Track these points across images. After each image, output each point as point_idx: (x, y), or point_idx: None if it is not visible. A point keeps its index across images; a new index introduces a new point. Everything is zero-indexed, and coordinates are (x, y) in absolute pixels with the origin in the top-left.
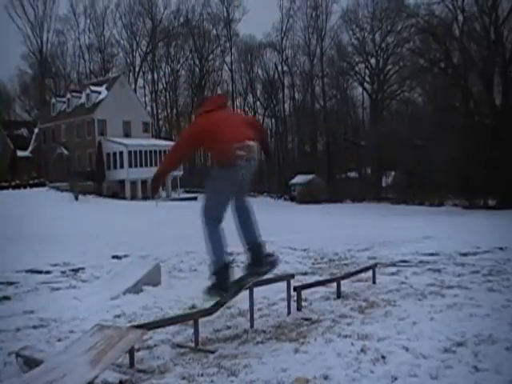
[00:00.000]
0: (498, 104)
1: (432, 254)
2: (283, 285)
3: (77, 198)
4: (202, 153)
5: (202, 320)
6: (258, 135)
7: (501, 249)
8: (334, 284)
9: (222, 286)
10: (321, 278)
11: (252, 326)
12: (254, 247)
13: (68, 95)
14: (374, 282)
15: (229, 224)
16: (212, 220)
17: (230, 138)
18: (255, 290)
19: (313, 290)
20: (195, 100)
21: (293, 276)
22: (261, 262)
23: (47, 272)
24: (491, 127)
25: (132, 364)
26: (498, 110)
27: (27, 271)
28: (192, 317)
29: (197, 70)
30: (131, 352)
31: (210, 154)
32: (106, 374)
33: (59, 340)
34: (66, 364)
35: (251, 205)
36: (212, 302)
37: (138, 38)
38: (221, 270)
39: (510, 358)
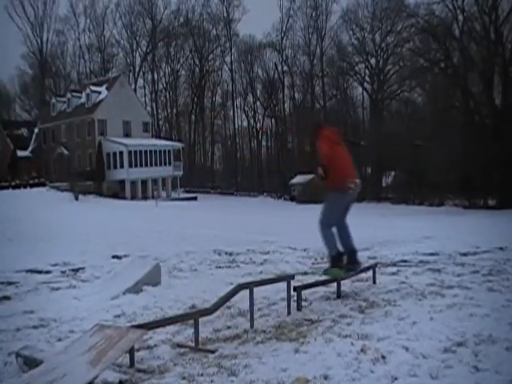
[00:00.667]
0: (498, 104)
1: (432, 254)
2: (283, 285)
3: (77, 198)
4: (202, 152)
5: (202, 320)
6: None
7: (501, 249)
8: (334, 284)
9: (338, 266)
10: (321, 278)
11: (252, 325)
12: (350, 253)
13: (68, 95)
14: (374, 282)
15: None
16: (327, 225)
17: (348, 173)
18: (255, 289)
19: (313, 289)
20: (195, 100)
21: (293, 277)
22: (354, 262)
23: (47, 272)
24: (491, 127)
25: (132, 364)
26: (498, 109)
27: (27, 271)
28: (192, 316)
29: (197, 69)
30: (131, 352)
31: (329, 176)
32: (105, 374)
33: (59, 340)
34: (65, 364)
35: (348, 223)
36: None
37: (138, 38)
38: (335, 256)
39: (510, 358)
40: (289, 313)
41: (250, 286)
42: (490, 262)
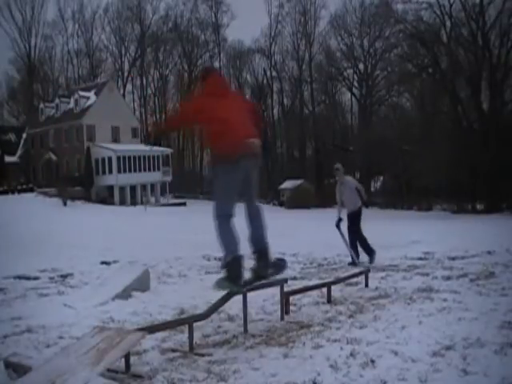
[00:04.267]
0: (486, 108)
1: (420, 259)
2: (274, 289)
3: (65, 204)
4: (191, 157)
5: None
6: (258, 130)
7: (489, 252)
8: (324, 289)
9: (233, 278)
10: (310, 283)
11: (243, 330)
12: (259, 251)
13: (56, 100)
14: (366, 286)
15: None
16: (222, 217)
17: (238, 134)
18: (247, 294)
19: (303, 294)
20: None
21: (286, 281)
22: (265, 265)
23: (35, 278)
24: (479, 132)
25: (128, 368)
26: (486, 114)
27: (15, 277)
28: (187, 321)
29: (185, 75)
30: (127, 357)
31: (211, 145)
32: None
33: (48, 346)
34: (65, 364)
35: (259, 208)
36: (223, 293)
37: (126, 44)
38: (232, 262)
39: (499, 361)
40: (281, 318)
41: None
42: (479, 266)
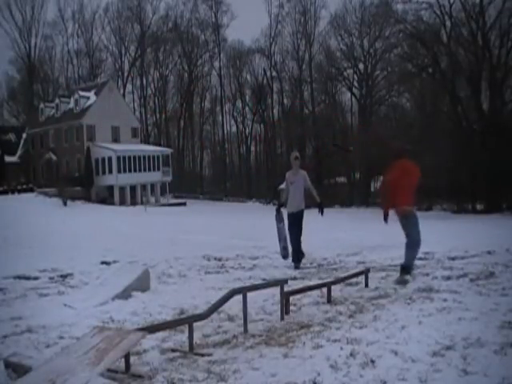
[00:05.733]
0: (486, 109)
1: (420, 258)
2: (274, 289)
3: (65, 204)
4: (191, 157)
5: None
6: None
7: (489, 252)
8: (324, 289)
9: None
10: (310, 283)
11: (242, 330)
12: (402, 264)
13: (56, 100)
14: (366, 286)
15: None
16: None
17: (398, 203)
18: (247, 294)
19: (303, 294)
20: (184, 105)
21: (286, 281)
22: (402, 274)
23: (35, 278)
24: (479, 132)
25: (128, 368)
26: (486, 114)
27: (15, 277)
28: (186, 321)
29: (185, 75)
30: (127, 356)
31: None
32: (96, 380)
33: (48, 346)
34: (65, 365)
35: (409, 241)
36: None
37: (126, 44)
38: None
39: (499, 361)
40: (281, 318)
41: (243, 290)
42: (479, 266)
